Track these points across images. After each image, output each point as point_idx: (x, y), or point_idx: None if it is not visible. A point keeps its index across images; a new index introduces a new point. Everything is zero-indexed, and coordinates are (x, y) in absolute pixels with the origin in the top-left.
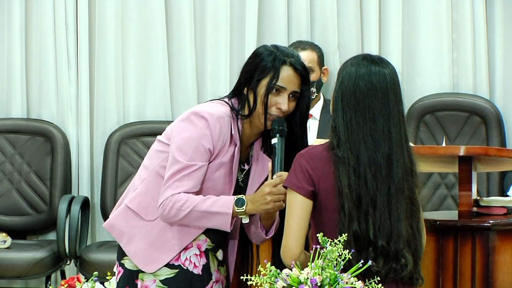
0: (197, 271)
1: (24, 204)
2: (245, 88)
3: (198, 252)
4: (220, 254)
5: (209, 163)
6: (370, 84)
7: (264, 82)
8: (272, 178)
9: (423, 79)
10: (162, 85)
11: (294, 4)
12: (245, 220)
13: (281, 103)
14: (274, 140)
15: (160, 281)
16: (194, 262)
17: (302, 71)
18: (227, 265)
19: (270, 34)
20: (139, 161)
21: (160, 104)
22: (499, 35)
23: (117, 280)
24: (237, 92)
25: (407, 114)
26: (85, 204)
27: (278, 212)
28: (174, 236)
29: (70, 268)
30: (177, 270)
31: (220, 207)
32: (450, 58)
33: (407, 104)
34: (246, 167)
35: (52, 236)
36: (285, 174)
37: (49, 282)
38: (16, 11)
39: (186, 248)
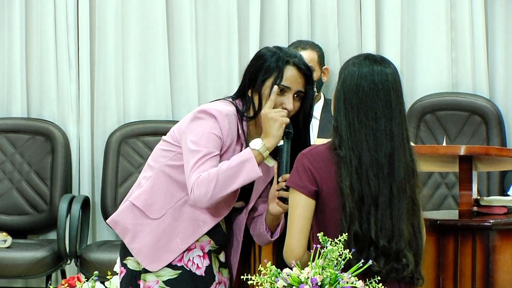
0: (200, 272)
1: (25, 203)
2: (249, 90)
3: (201, 254)
4: (222, 256)
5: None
6: (373, 84)
7: (269, 83)
8: (278, 181)
9: (422, 78)
10: (162, 85)
11: (295, 4)
12: (271, 163)
13: (286, 103)
14: (280, 143)
15: (163, 281)
16: (197, 264)
17: (306, 71)
18: (229, 267)
19: (271, 33)
20: (139, 161)
21: (160, 104)
22: (500, 34)
23: (120, 280)
24: (240, 94)
25: (407, 113)
26: (86, 204)
27: (283, 215)
28: (178, 235)
29: (71, 268)
30: (180, 271)
31: (240, 157)
32: (449, 58)
33: (407, 103)
34: None
35: (52, 235)
36: None
37: (50, 282)
38: (16, 9)
39: (189, 249)
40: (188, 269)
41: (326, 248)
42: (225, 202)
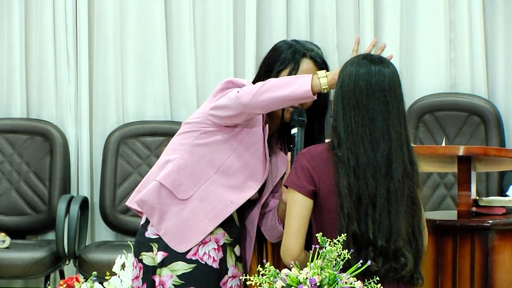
0: (216, 265)
1: (23, 204)
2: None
3: (216, 246)
4: (237, 250)
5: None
6: (370, 84)
7: (284, 74)
8: (291, 169)
9: (421, 79)
10: (161, 85)
11: (294, 4)
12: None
13: None
14: (293, 130)
15: (177, 276)
16: (213, 256)
17: (322, 65)
18: (244, 262)
19: (269, 34)
20: (138, 161)
21: (159, 104)
22: (499, 34)
23: (135, 275)
24: None
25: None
26: (84, 204)
27: None
28: (206, 215)
29: (69, 268)
30: (194, 265)
31: (297, 76)
32: (448, 58)
33: (405, 104)
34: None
35: (51, 236)
36: None
37: (48, 282)
38: (16, 10)
39: (204, 243)
40: (203, 262)
41: (325, 248)
42: (251, 178)
